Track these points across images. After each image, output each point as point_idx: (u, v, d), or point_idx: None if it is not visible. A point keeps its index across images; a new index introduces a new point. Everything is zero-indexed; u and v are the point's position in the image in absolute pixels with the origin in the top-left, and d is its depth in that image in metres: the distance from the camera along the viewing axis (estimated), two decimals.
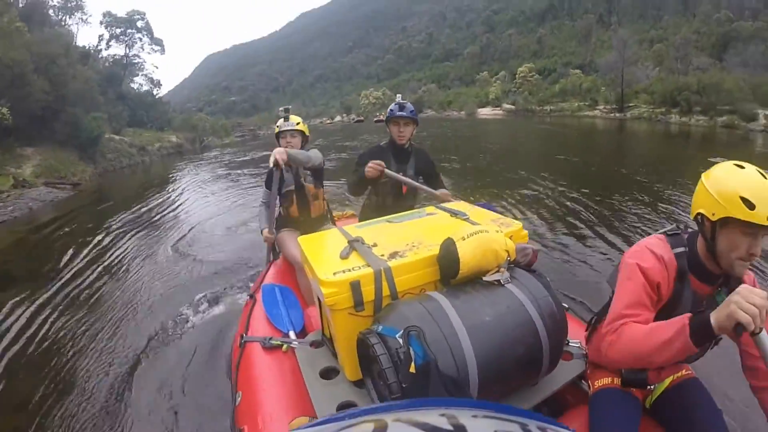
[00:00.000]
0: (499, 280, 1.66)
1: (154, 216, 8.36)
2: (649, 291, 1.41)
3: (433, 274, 1.83)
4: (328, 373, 2.11)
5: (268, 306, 2.85)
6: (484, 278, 1.68)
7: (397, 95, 3.41)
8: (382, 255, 1.84)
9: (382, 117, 58.37)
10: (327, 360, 2.18)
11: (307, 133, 3.57)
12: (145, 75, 31.09)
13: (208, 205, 8.98)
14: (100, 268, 5.55)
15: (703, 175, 1.43)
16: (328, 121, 62.59)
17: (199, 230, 7.08)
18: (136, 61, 30.57)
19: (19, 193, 11.07)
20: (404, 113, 3.24)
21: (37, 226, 8.12)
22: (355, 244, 1.95)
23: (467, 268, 1.69)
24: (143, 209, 8.94)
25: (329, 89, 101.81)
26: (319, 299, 2.09)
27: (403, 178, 3.20)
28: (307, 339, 2.40)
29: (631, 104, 37.30)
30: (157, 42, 30.51)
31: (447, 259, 1.72)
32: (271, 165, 3.12)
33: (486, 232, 1.74)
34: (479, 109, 49.70)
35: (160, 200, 9.97)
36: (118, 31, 29.66)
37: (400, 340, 1.47)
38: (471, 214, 2.24)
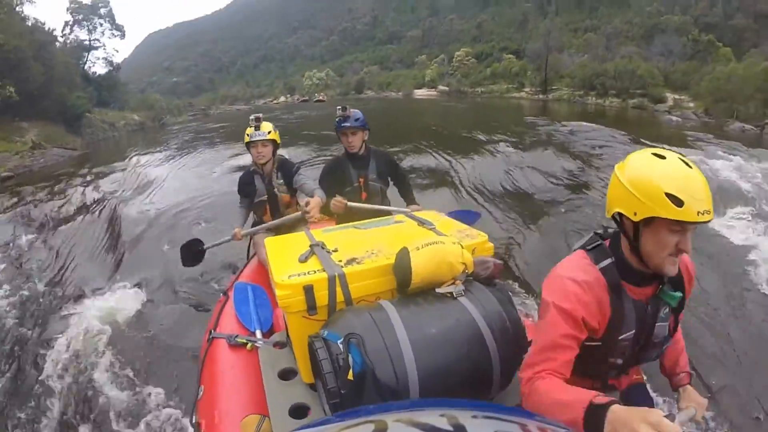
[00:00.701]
0: (451, 293, 1.62)
1: (140, 174, 10.68)
2: (569, 330, 1.28)
3: (389, 283, 1.82)
4: (287, 374, 2.13)
5: (238, 304, 2.94)
6: (437, 290, 1.66)
7: (338, 108, 3.37)
8: (340, 261, 1.83)
9: (322, 97, 59.89)
10: (287, 361, 2.19)
11: (278, 142, 3.52)
12: (106, 59, 33.49)
13: (183, 167, 11.23)
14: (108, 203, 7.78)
15: (616, 167, 1.27)
16: (274, 101, 64.93)
17: (175, 187, 8.93)
18: (97, 45, 33.03)
19: (42, 152, 14.73)
20: (349, 123, 3.24)
21: (69, 170, 11.53)
22: (315, 249, 1.95)
23: (420, 279, 1.65)
24: (131, 167, 11.81)
25: (273, 70, 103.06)
26: None
27: (368, 206, 3.26)
28: (272, 339, 2.44)
29: (554, 87, 41.53)
30: (118, 27, 33.20)
31: (400, 268, 1.70)
32: (311, 217, 3.08)
33: (441, 244, 1.71)
34: (416, 90, 53.17)
35: (143, 161, 13.03)
36: (81, 16, 32.18)
37: (341, 347, 1.48)
38: (438, 224, 2.20)
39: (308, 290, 1.74)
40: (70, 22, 32.54)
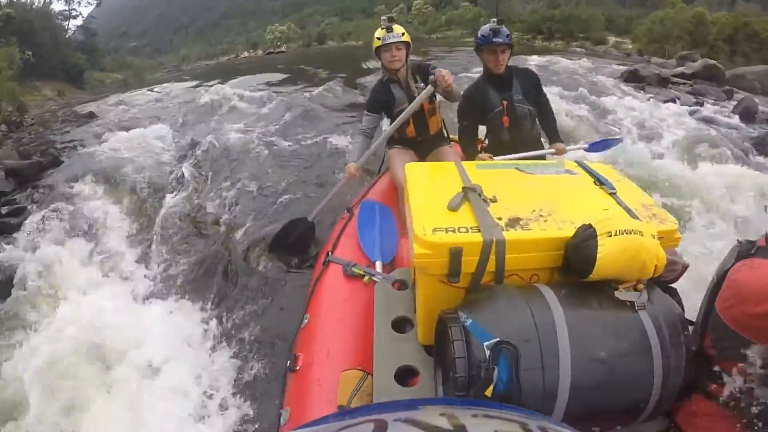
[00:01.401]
0: (633, 303, 1.36)
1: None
2: None
3: (554, 259, 1.53)
4: (401, 325, 1.96)
5: (362, 226, 2.80)
6: (617, 293, 1.39)
7: (492, 20, 3.15)
8: (500, 218, 1.56)
9: (274, 50, 61.25)
10: (405, 308, 2.00)
11: (410, 44, 3.33)
12: (84, 26, 37.40)
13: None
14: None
15: None
16: (239, 57, 67.42)
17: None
18: (75, 14, 36.90)
19: (65, 100, 18.82)
20: (500, 39, 3.07)
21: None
22: (469, 194, 1.67)
23: (601, 273, 1.38)
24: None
25: (234, 27, 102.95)
26: None
27: (518, 156, 3.03)
28: (392, 275, 2.23)
29: None
30: None
31: (581, 253, 1.41)
32: (434, 84, 3.04)
33: (639, 235, 1.38)
34: None
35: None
36: None
37: (487, 352, 1.27)
38: (619, 189, 1.80)
39: (455, 254, 1.46)
40: None
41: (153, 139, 8.39)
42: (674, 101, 10.27)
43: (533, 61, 15.97)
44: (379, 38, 3.30)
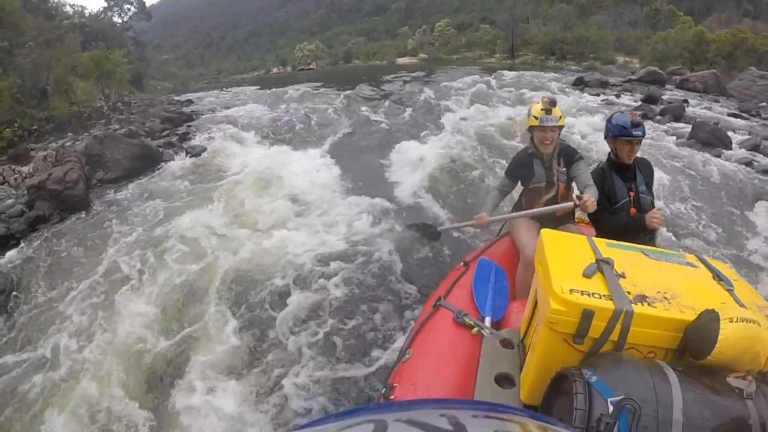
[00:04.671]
0: (743, 391, 1.44)
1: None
2: None
3: (671, 340, 1.67)
4: (503, 381, 2.12)
5: (477, 280, 3.00)
6: (729, 379, 1.48)
7: (621, 111, 3.32)
8: (629, 292, 1.72)
9: (304, 66, 64.98)
10: (509, 366, 2.17)
11: (563, 127, 3.46)
12: (135, 38, 42.52)
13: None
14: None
15: None
16: (269, 73, 72.39)
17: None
18: (128, 27, 42.24)
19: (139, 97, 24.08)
20: (640, 133, 3.17)
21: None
22: (603, 266, 1.83)
23: (718, 357, 1.50)
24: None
25: (263, 43, 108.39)
26: (535, 302, 2.05)
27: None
28: (501, 334, 2.42)
29: (520, 53, 48.60)
30: (144, 11, 42.44)
31: (702, 335, 1.54)
32: (574, 204, 3.24)
33: (757, 325, 1.50)
34: (398, 59, 59.51)
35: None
36: (113, 2, 41.46)
37: (611, 408, 1.37)
38: (737, 287, 1.91)
39: (587, 316, 1.62)
40: (105, 8, 41.76)
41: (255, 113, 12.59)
42: (598, 95, 15.52)
43: (508, 76, 20.92)
44: (536, 117, 3.38)
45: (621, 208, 3.29)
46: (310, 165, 7.82)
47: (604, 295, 1.68)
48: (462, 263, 3.36)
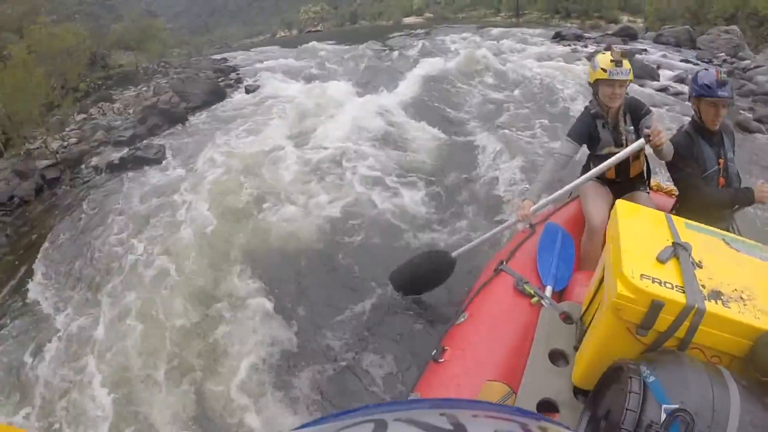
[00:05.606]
0: None
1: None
2: None
3: (741, 347, 1.57)
4: (558, 357, 2.08)
5: (542, 246, 2.96)
6: None
7: (707, 68, 3.18)
8: (703, 286, 1.62)
9: (312, 28, 64.92)
10: (566, 342, 2.12)
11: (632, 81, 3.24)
12: (147, 9, 45.93)
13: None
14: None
15: None
16: (276, 37, 74.06)
17: None
18: None
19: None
20: (727, 93, 2.92)
21: None
22: (680, 251, 1.73)
23: None
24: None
25: (267, 7, 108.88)
26: (602, 279, 1.97)
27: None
28: (561, 306, 2.38)
29: (525, 11, 49.48)
30: None
31: None
32: (645, 139, 2.86)
33: None
34: (404, 18, 60.92)
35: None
36: None
37: (663, 414, 1.33)
38: None
39: (655, 307, 1.54)
40: None
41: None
42: (569, 46, 18.63)
43: (490, 33, 23.55)
44: (605, 70, 3.11)
45: (710, 177, 3.08)
46: (338, 94, 10.88)
47: (677, 286, 1.58)
48: (528, 226, 3.25)
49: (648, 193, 3.56)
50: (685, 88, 10.73)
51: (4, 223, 7.62)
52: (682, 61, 16.08)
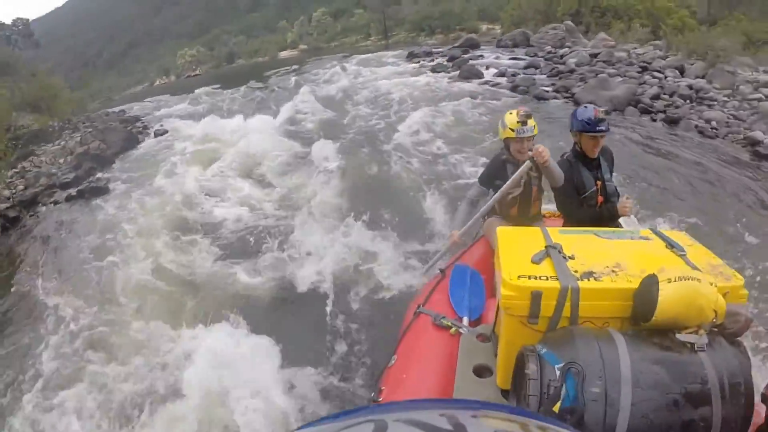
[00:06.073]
0: (692, 344, 1.61)
1: None
2: None
3: (623, 309, 1.85)
4: (482, 371, 2.37)
5: (453, 285, 3.26)
6: (678, 335, 1.65)
7: (585, 106, 3.53)
8: (576, 271, 1.93)
9: (191, 73, 64.39)
10: (486, 357, 2.41)
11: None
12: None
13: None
14: None
15: None
16: (154, 84, 71.35)
17: None
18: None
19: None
20: (604, 127, 3.38)
21: None
22: (550, 251, 2.06)
23: (663, 317, 1.68)
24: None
25: (143, 54, 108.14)
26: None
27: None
28: (477, 330, 2.71)
29: (394, 33, 53.35)
30: (34, 41, 46.67)
31: (643, 298, 1.74)
32: (531, 160, 3.40)
33: (697, 281, 1.69)
34: (281, 53, 63.23)
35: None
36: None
37: (557, 372, 1.56)
38: (690, 252, 2.12)
39: (536, 297, 1.84)
40: None
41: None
42: (418, 62, 22.78)
43: (354, 60, 27.19)
44: (513, 129, 3.58)
45: (589, 197, 3.55)
46: (238, 127, 13.66)
47: (551, 277, 1.88)
48: (438, 271, 3.60)
49: (543, 222, 3.96)
50: (502, 80, 15.67)
51: None
52: (510, 59, 20.49)
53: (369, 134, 11.90)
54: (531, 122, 3.61)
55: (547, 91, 14.13)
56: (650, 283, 1.74)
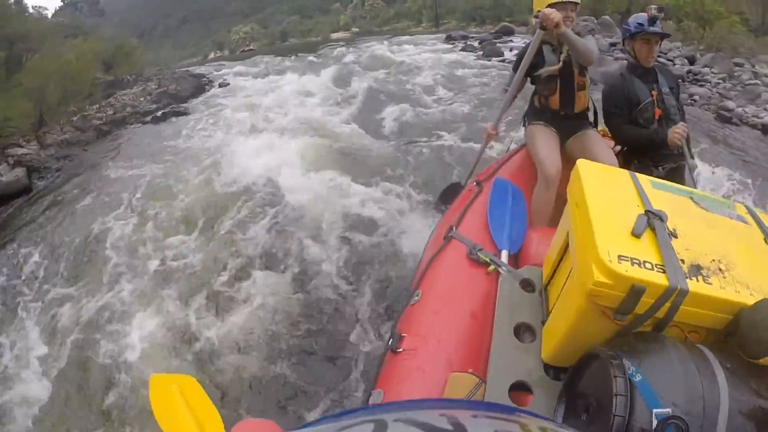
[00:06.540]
0: None
1: None
2: None
3: (719, 321, 1.52)
4: (523, 333, 2.01)
5: (493, 205, 2.85)
6: None
7: (651, 7, 3.11)
8: (682, 260, 1.53)
9: (245, 48, 66.37)
10: (530, 314, 2.05)
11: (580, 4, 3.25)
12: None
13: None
14: None
15: None
16: (212, 56, 73.93)
17: None
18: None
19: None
20: (657, 29, 3.13)
21: None
22: (654, 222, 1.62)
23: None
24: None
25: (197, 29, 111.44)
26: (565, 245, 1.92)
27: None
28: (521, 273, 2.28)
29: (444, 21, 55.28)
30: (99, 9, 50.26)
31: (758, 333, 1.39)
32: (539, 26, 2.99)
33: None
34: (332, 34, 65.04)
35: None
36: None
37: (654, 422, 1.26)
38: None
39: (636, 292, 1.45)
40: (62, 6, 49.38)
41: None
42: (453, 44, 25.45)
43: (397, 40, 29.83)
44: None
45: (644, 110, 3.23)
46: (293, 84, 15.79)
47: (656, 265, 1.48)
48: (474, 183, 3.24)
49: (596, 131, 3.60)
50: (516, 58, 18.00)
51: (74, 154, 11.84)
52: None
53: (394, 84, 14.75)
54: None
55: None
56: None
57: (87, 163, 10.88)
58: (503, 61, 18.53)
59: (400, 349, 2.08)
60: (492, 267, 2.37)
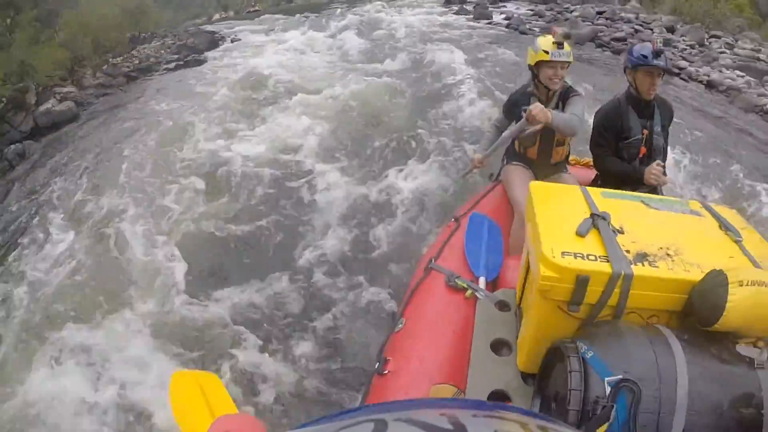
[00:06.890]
0: (753, 360, 1.44)
1: None
2: None
3: (675, 302, 1.64)
4: (500, 347, 2.16)
5: (469, 238, 3.01)
6: (738, 347, 1.48)
7: (642, 40, 2.98)
8: (627, 251, 1.69)
9: (250, 8, 61.36)
10: (506, 330, 2.19)
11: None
12: None
13: None
14: None
15: None
16: (216, 17, 77.37)
17: None
18: None
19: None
20: (662, 63, 3.11)
21: None
22: (598, 222, 1.79)
23: (727, 325, 1.48)
24: None
25: None
26: (528, 263, 2.04)
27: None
28: (496, 295, 2.46)
29: None
30: None
31: (707, 300, 1.52)
32: (526, 121, 3.09)
33: None
34: None
35: None
36: None
37: (607, 388, 1.37)
38: (745, 237, 1.91)
39: (582, 282, 1.59)
40: None
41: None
42: (449, 8, 26.75)
43: (397, 2, 30.90)
44: (547, 52, 3.25)
45: (631, 145, 3.31)
46: (299, 39, 17.40)
47: (600, 257, 1.64)
48: (452, 219, 3.38)
49: (569, 173, 3.77)
50: (505, 22, 19.43)
51: (110, 92, 13.87)
52: (528, 9, 24.12)
53: (385, 41, 16.38)
54: (568, 46, 3.31)
55: (530, 30, 17.59)
56: (718, 284, 1.50)
57: (123, 100, 12.91)
58: (490, 23, 20.48)
59: (386, 371, 2.23)
60: (470, 292, 2.53)
